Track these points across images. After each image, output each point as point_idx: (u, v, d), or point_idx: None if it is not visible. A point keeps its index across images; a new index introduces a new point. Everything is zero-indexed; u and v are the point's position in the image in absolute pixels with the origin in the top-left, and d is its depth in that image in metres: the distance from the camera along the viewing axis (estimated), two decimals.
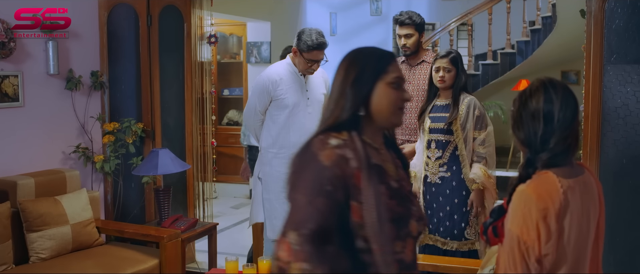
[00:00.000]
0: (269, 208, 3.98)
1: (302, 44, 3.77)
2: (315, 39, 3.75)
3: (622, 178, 3.78)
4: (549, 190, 1.77)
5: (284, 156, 3.90)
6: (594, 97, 3.85)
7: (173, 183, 4.68)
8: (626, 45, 3.75)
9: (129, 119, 4.58)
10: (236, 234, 6.22)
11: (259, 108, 3.93)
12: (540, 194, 1.77)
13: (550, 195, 1.76)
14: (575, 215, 1.80)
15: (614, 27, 3.77)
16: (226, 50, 8.17)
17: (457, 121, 3.55)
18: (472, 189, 3.55)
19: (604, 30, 3.81)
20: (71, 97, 4.41)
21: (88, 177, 4.56)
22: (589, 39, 3.91)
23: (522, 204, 1.78)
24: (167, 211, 4.42)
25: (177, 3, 4.84)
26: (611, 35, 3.79)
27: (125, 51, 4.67)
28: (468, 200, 3.57)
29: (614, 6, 3.77)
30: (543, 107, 1.83)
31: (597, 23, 3.83)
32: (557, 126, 1.82)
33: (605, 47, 3.81)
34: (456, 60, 3.60)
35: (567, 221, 1.77)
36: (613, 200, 3.82)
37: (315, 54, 3.78)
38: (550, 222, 1.75)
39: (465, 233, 3.59)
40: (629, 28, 3.72)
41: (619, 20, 3.75)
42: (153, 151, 4.35)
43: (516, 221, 1.77)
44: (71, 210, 3.91)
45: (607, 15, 3.80)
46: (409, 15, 3.99)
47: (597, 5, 3.82)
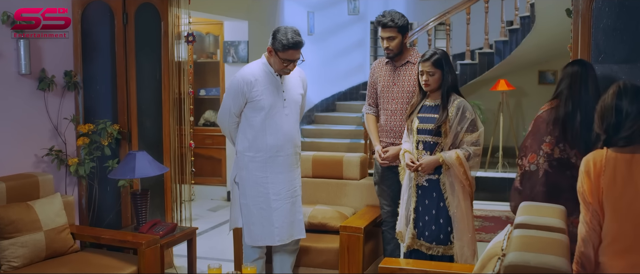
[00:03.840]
0: (246, 214, 3.87)
1: (278, 43, 3.65)
2: (291, 37, 3.64)
3: None
4: (595, 156, 2.50)
5: (260, 160, 3.79)
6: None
7: (150, 186, 4.53)
8: (614, 44, 3.71)
9: (105, 121, 4.42)
10: (215, 237, 6.08)
11: (234, 110, 3.81)
12: (588, 158, 2.52)
13: (595, 159, 2.49)
14: (619, 178, 2.43)
15: (602, 26, 3.73)
16: (202, 50, 8.02)
17: (446, 124, 3.47)
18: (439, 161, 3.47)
19: (591, 30, 3.77)
20: (44, 97, 4.24)
21: (61, 181, 4.39)
22: (576, 39, 3.87)
23: (581, 166, 2.54)
24: (144, 215, 4.27)
25: (154, 1, 4.69)
26: (599, 35, 3.75)
27: (100, 50, 4.51)
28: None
29: (601, 5, 3.73)
30: (615, 104, 2.48)
31: (585, 22, 3.79)
32: (625, 117, 2.46)
33: (592, 47, 3.78)
34: (440, 62, 3.51)
35: (606, 180, 2.44)
36: None
37: (291, 53, 3.67)
38: (591, 177, 2.47)
39: (451, 237, 3.51)
40: (616, 27, 3.68)
41: (606, 20, 3.71)
42: (130, 153, 4.21)
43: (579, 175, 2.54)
44: (44, 216, 3.74)
45: (595, 14, 3.76)
46: (391, 17, 3.88)
47: (584, 4, 3.78)
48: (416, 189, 3.59)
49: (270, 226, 3.80)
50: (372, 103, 4.17)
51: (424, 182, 3.57)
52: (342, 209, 4.47)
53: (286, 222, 3.83)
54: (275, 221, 3.80)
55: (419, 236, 3.58)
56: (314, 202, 4.63)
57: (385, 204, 4.14)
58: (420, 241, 3.57)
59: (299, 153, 3.96)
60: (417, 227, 3.59)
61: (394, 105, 3.97)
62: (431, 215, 3.53)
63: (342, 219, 4.32)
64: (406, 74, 3.95)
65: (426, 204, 3.56)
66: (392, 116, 3.99)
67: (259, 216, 3.81)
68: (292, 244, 3.97)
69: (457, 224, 3.46)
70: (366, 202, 4.60)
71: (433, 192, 3.53)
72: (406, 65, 3.96)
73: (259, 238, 3.83)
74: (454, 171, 3.45)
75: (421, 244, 3.57)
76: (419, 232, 3.58)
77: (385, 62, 4.07)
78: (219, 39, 7.73)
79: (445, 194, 3.49)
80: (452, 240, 3.50)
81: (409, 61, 3.96)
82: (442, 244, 3.51)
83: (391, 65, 4.02)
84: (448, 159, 3.44)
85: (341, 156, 4.75)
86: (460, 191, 3.48)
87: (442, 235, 3.50)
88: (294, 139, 3.86)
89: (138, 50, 4.59)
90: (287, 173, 3.83)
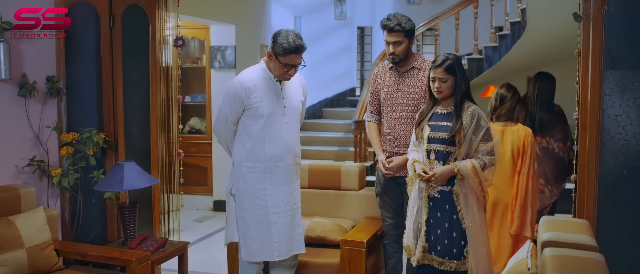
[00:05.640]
0: (243, 228, 3.65)
1: (278, 46, 3.46)
2: (293, 41, 3.45)
3: (623, 190, 3.61)
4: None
5: (259, 171, 3.59)
6: (593, 105, 3.67)
7: (137, 197, 4.29)
8: (627, 50, 3.57)
9: (89, 129, 4.17)
10: (203, 250, 5.84)
11: (231, 118, 3.60)
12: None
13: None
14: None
15: (614, 31, 3.59)
16: (187, 55, 7.78)
17: (461, 132, 3.29)
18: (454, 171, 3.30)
19: (603, 34, 3.62)
20: (25, 104, 3.98)
21: (43, 193, 4.13)
22: (587, 44, 3.73)
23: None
24: (133, 229, 4.03)
25: (142, 3, 4.46)
26: (611, 40, 3.61)
27: (85, 54, 4.26)
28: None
29: (614, 9, 3.59)
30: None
31: (596, 27, 3.64)
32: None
33: (604, 52, 3.63)
34: (452, 68, 3.34)
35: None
36: (612, 213, 3.65)
37: (292, 57, 3.48)
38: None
39: (464, 251, 3.32)
40: (630, 32, 3.54)
41: (619, 24, 3.57)
42: (118, 164, 3.97)
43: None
44: (26, 232, 3.49)
45: (607, 18, 3.62)
46: (398, 20, 3.70)
47: (596, 8, 3.63)
48: (427, 201, 3.40)
49: (268, 241, 3.59)
50: (374, 110, 3.98)
51: (436, 194, 3.38)
52: (340, 222, 4.27)
53: (285, 236, 3.62)
54: (274, 235, 3.59)
55: (430, 250, 3.39)
56: (311, 215, 4.43)
57: (388, 216, 3.95)
58: (432, 255, 3.38)
59: (299, 163, 3.76)
60: (428, 241, 3.40)
61: (398, 113, 3.79)
62: (444, 228, 3.35)
63: (341, 232, 4.12)
64: (411, 80, 3.77)
65: (438, 216, 3.37)
66: (396, 124, 3.80)
67: (257, 230, 3.60)
68: (290, 259, 3.77)
69: (472, 238, 3.28)
70: (365, 213, 4.41)
71: (446, 205, 3.35)
72: (411, 71, 3.78)
73: (257, 253, 3.62)
74: (469, 181, 3.28)
75: (433, 258, 3.37)
76: (430, 246, 3.39)
77: (389, 68, 3.88)
78: (204, 43, 7.51)
79: (458, 206, 3.31)
80: (465, 255, 3.32)
81: (414, 67, 3.78)
82: (455, 258, 3.32)
83: (395, 71, 3.84)
84: (463, 169, 3.26)
85: (339, 165, 4.56)
86: (475, 203, 3.31)
87: (455, 249, 3.32)
88: (294, 148, 3.65)
89: (125, 55, 4.35)
90: (286, 185, 3.63)
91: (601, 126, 3.65)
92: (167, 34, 4.78)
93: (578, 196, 3.84)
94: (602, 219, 3.66)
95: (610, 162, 3.64)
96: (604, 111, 3.65)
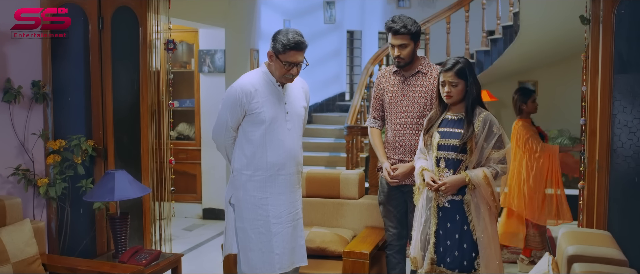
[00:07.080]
0: (243, 239, 3.48)
1: (278, 44, 3.30)
2: (292, 37, 3.29)
3: (634, 197, 3.50)
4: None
5: (260, 179, 3.42)
6: (603, 110, 3.56)
7: (128, 207, 4.11)
8: (638, 53, 3.47)
9: (77, 136, 3.99)
10: (194, 260, 5.65)
11: (231, 124, 3.43)
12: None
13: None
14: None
15: (625, 33, 3.48)
16: (175, 59, 7.57)
17: (472, 140, 3.16)
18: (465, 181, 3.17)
19: (614, 37, 3.51)
20: (9, 110, 3.79)
21: (29, 204, 3.93)
22: (596, 47, 3.62)
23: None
24: (124, 242, 3.85)
25: (132, 4, 4.28)
26: (621, 43, 3.50)
27: (73, 58, 4.07)
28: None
29: (624, 12, 3.48)
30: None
31: (607, 30, 3.54)
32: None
33: (614, 56, 3.52)
34: (463, 72, 3.20)
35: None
36: (623, 221, 3.54)
37: (293, 54, 3.32)
38: None
39: (475, 263, 3.18)
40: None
41: (630, 27, 3.46)
42: (108, 173, 3.78)
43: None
44: (12, 246, 3.29)
45: (617, 21, 3.51)
46: (403, 23, 3.56)
47: (606, 10, 3.53)
48: (436, 211, 3.26)
49: (270, 253, 3.42)
50: (377, 116, 3.84)
51: (445, 204, 3.23)
52: (341, 232, 4.12)
53: (287, 248, 3.46)
54: (275, 247, 3.42)
55: (439, 263, 3.25)
56: (310, 224, 4.27)
57: (391, 226, 3.81)
58: (441, 267, 3.24)
59: (301, 172, 3.60)
60: (437, 252, 3.25)
61: (402, 118, 3.64)
62: (454, 239, 3.20)
63: (342, 243, 3.97)
64: (417, 85, 3.63)
65: (448, 227, 3.23)
66: (400, 130, 3.66)
67: (257, 242, 3.43)
68: (292, 271, 3.60)
69: (484, 250, 3.14)
70: (366, 223, 4.26)
71: (456, 215, 3.21)
72: (416, 75, 3.65)
73: (258, 266, 3.44)
74: (481, 191, 3.14)
75: (441, 271, 3.23)
76: (439, 258, 3.25)
77: (393, 72, 3.74)
78: (193, 47, 7.32)
79: (469, 216, 3.17)
80: (476, 267, 3.17)
81: (419, 71, 3.64)
82: (466, 271, 3.18)
83: (400, 75, 3.70)
84: (475, 178, 3.13)
85: (338, 173, 4.40)
86: (487, 213, 3.17)
87: (466, 261, 3.18)
88: (296, 156, 3.49)
89: (114, 58, 4.18)
90: (288, 194, 3.46)
91: (611, 131, 3.54)
92: (156, 37, 4.60)
93: (586, 203, 3.73)
94: (611, 227, 3.55)
95: (621, 169, 3.53)
96: (615, 116, 3.55)
